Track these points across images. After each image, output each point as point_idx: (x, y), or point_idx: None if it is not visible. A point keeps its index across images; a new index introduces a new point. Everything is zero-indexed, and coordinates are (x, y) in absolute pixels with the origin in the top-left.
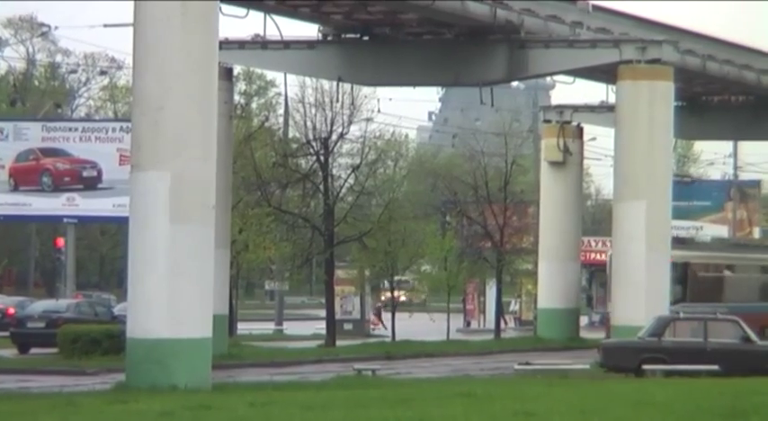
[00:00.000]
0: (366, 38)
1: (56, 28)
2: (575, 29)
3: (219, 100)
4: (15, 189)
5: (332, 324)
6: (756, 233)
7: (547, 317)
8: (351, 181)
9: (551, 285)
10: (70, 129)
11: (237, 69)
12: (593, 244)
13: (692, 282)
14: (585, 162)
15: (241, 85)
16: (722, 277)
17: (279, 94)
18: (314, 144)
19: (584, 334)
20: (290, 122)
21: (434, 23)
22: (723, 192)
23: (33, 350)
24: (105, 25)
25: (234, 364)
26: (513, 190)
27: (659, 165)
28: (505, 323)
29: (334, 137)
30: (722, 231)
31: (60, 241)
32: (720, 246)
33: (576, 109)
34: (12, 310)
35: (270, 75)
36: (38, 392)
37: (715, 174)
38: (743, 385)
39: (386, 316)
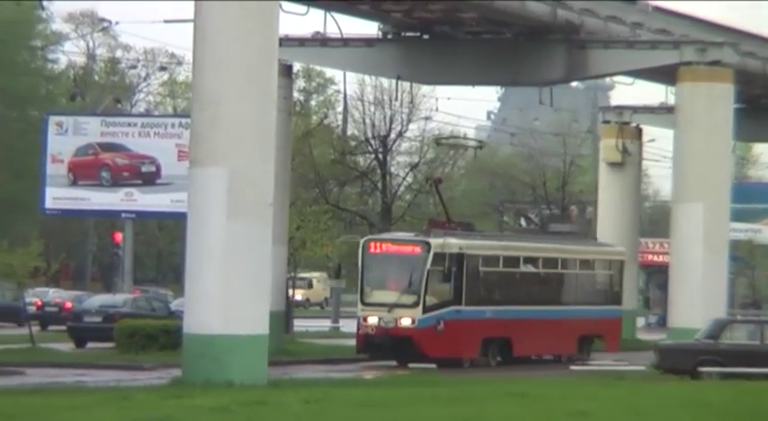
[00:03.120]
0: (425, 36)
1: (116, 23)
2: (635, 30)
3: (279, 97)
4: (74, 183)
5: None
6: None
7: None
8: (409, 179)
9: None
10: (129, 125)
11: (297, 66)
12: (650, 245)
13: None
14: (644, 163)
15: (300, 83)
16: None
17: (338, 91)
18: (372, 142)
19: (640, 335)
20: (349, 120)
21: (494, 22)
22: None
23: (90, 344)
24: (166, 21)
25: (289, 361)
26: (571, 190)
27: (718, 166)
28: None
29: (392, 135)
30: None
31: (118, 236)
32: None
33: (635, 110)
34: (69, 305)
35: (329, 72)
36: (94, 387)
37: None
38: None
39: None
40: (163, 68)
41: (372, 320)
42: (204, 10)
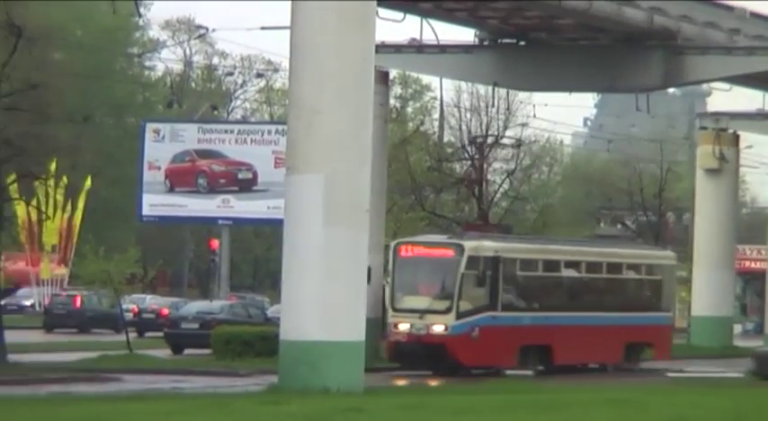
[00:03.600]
0: (522, 43)
1: (213, 30)
2: (732, 36)
3: (375, 103)
4: (171, 190)
5: None
6: None
7: (700, 325)
8: (505, 186)
9: (705, 293)
10: (226, 131)
11: (393, 73)
12: (747, 252)
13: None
14: (741, 170)
15: (397, 89)
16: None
17: (434, 98)
18: (469, 148)
19: (737, 342)
20: (446, 126)
21: (590, 29)
22: None
23: (187, 351)
24: (262, 28)
25: (386, 368)
26: (668, 197)
27: None
28: None
29: (489, 141)
30: None
31: (215, 243)
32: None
33: (732, 116)
34: (166, 311)
35: (426, 79)
36: (191, 393)
37: None
38: None
39: None
40: (259, 75)
41: (403, 327)
42: (301, 17)
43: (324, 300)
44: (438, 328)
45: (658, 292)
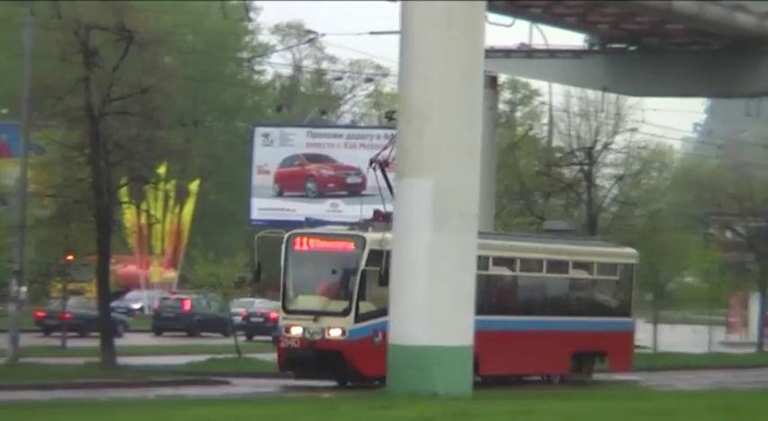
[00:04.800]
0: (632, 48)
1: (323, 35)
2: None
3: (484, 108)
4: (280, 194)
5: None
6: None
7: None
8: (614, 191)
9: None
10: (335, 136)
11: (503, 78)
12: None
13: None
14: None
15: (506, 94)
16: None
17: (543, 103)
18: (578, 154)
19: None
20: (555, 131)
21: (701, 34)
22: None
23: None
24: (372, 32)
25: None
26: None
27: None
28: None
29: (598, 147)
30: None
31: None
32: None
33: None
34: (275, 315)
35: (534, 84)
36: (299, 397)
37: None
38: None
39: (646, 327)
40: (369, 80)
41: (296, 331)
42: (410, 22)
43: (432, 304)
44: (334, 333)
45: (615, 295)
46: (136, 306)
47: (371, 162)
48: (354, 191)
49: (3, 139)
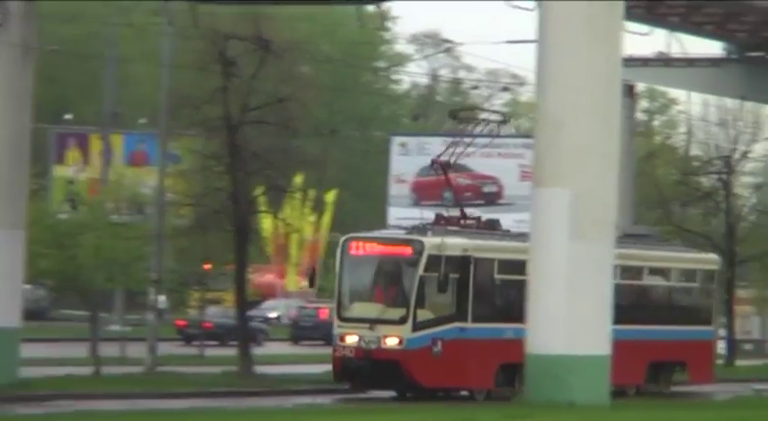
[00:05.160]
0: None
1: (459, 44)
2: None
3: (622, 117)
4: (417, 203)
5: (732, 344)
6: None
7: None
8: (753, 200)
9: None
10: (471, 144)
11: (640, 86)
12: None
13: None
14: None
15: (643, 103)
16: None
17: (681, 111)
18: (716, 162)
19: None
20: (692, 140)
21: None
22: None
23: None
24: (508, 41)
25: (335, 389)
26: None
27: None
28: None
29: (736, 155)
30: None
31: None
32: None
33: None
34: None
35: (672, 92)
36: (438, 406)
37: None
38: None
39: None
40: (505, 89)
41: (351, 340)
42: (548, 31)
43: (569, 314)
44: (391, 342)
45: (695, 302)
46: (272, 315)
47: (433, 163)
48: (491, 199)
49: (141, 149)
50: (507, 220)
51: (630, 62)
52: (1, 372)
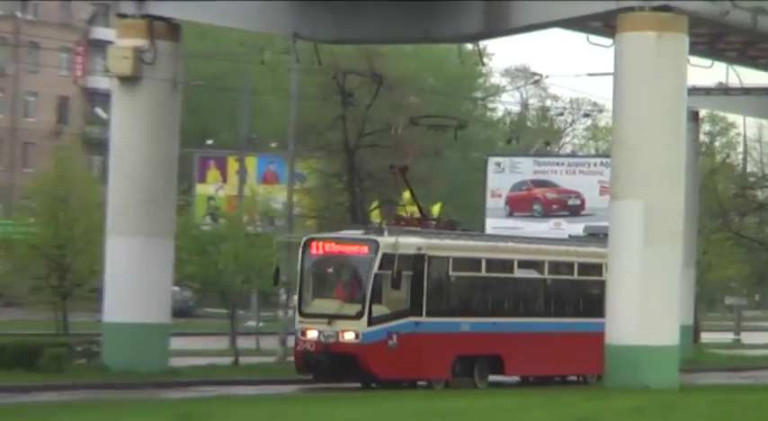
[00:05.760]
0: None
1: (546, 76)
2: None
3: (687, 139)
4: (510, 215)
5: None
6: None
7: None
8: None
9: None
10: (558, 164)
11: (703, 112)
12: None
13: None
14: None
15: (706, 126)
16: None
17: (739, 134)
18: None
19: None
20: (749, 159)
21: None
22: None
23: None
24: (589, 74)
25: (697, 368)
26: None
27: None
28: None
29: None
30: None
31: None
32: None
33: None
34: None
35: (731, 117)
36: (530, 390)
37: None
38: None
39: None
40: (586, 115)
41: (312, 334)
42: (622, 65)
43: (643, 309)
44: (348, 336)
45: None
46: None
47: (392, 167)
48: (575, 211)
49: (272, 169)
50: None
51: (694, 91)
52: (154, 362)
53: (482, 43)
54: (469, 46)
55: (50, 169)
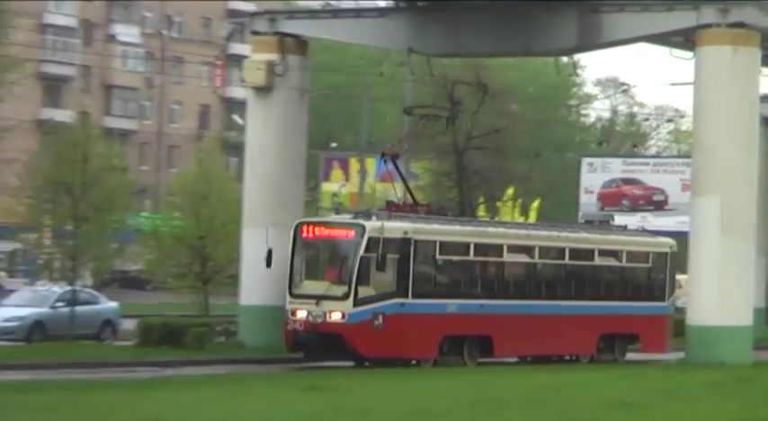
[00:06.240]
0: None
1: (634, 86)
2: None
3: (760, 142)
4: (601, 209)
5: None
6: None
7: None
8: None
9: None
10: (644, 164)
11: None
12: None
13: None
14: None
15: None
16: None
17: None
18: None
19: None
20: None
21: None
22: None
23: None
24: (672, 84)
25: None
26: None
27: None
28: None
29: None
30: None
31: None
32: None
33: None
34: None
35: None
36: (615, 364)
37: None
38: None
39: None
40: (669, 120)
41: (301, 314)
42: (701, 75)
43: (720, 293)
44: (335, 316)
45: (647, 282)
46: None
47: (383, 154)
48: (659, 206)
49: (390, 169)
50: (672, 222)
51: (766, 99)
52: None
53: (576, 56)
54: (565, 59)
55: (193, 169)
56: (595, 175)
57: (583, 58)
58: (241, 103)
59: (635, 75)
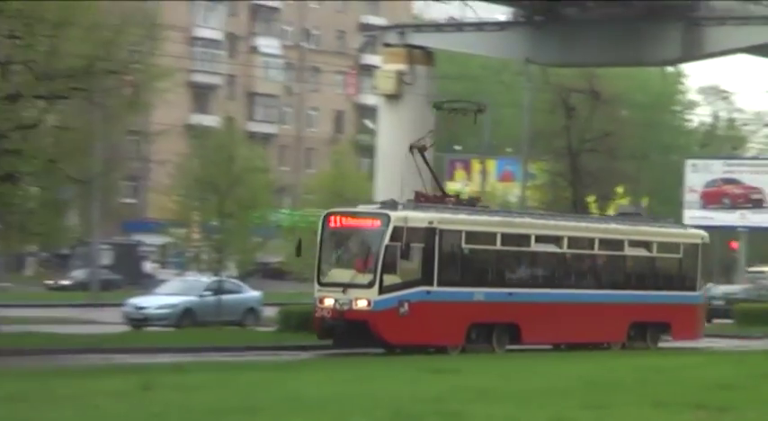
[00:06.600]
0: None
1: (733, 93)
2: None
3: None
4: (704, 207)
5: None
6: None
7: None
8: None
9: None
10: (743, 165)
11: None
12: None
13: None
14: None
15: None
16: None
17: None
18: None
19: None
20: None
21: None
22: None
23: (716, 321)
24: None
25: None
26: None
27: None
28: None
29: None
30: None
31: (734, 244)
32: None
33: None
34: None
35: None
36: (715, 349)
37: None
38: None
39: None
40: (766, 125)
41: (329, 302)
42: None
43: None
44: (361, 303)
45: (678, 271)
46: None
47: (411, 147)
48: (757, 204)
49: (509, 169)
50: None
51: None
52: None
53: (679, 66)
54: (670, 68)
55: (329, 170)
56: (698, 176)
57: (686, 66)
58: (372, 109)
59: (735, 82)
